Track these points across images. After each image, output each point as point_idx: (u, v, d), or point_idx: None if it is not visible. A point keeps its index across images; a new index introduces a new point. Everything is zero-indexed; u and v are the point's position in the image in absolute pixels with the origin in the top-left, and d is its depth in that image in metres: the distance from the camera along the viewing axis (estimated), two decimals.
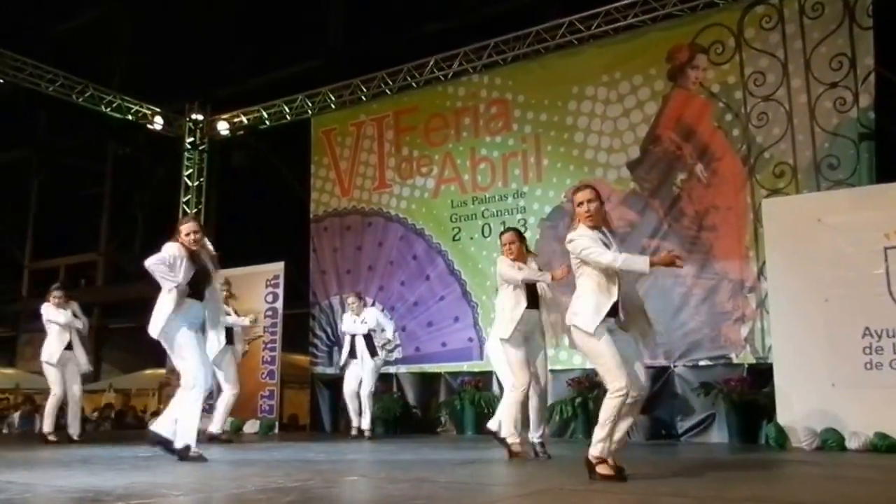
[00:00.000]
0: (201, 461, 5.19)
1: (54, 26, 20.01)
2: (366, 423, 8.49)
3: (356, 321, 8.57)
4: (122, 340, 19.77)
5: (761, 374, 7.57)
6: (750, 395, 7.54)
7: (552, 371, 8.81)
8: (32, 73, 11.01)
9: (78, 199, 21.19)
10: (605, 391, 8.24)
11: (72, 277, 20.96)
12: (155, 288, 5.43)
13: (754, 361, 7.82)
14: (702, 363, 8.13)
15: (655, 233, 8.61)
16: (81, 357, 7.82)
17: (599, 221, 4.24)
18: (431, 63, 10.35)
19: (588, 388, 8.29)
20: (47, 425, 7.59)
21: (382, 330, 8.63)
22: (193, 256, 5.36)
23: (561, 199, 9.21)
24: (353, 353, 8.59)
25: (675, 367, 8.25)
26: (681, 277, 8.27)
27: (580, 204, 4.23)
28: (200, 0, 16.33)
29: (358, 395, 8.54)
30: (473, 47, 10.04)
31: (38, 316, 7.82)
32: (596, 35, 9.21)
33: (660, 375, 8.18)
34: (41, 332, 7.93)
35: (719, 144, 8.36)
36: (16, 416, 12.28)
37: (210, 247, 5.57)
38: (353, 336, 8.58)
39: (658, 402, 8.16)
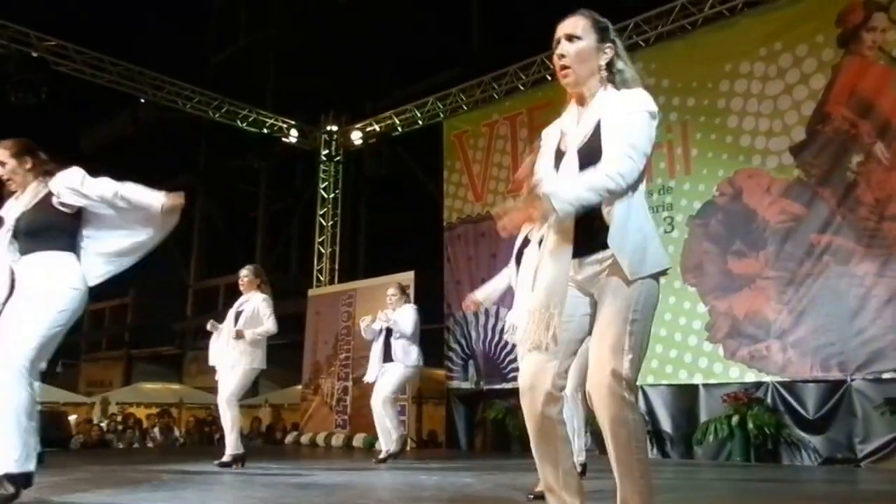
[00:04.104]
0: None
1: (211, 57, 21.02)
2: (384, 443, 7.10)
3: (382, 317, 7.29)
4: (277, 356, 20.15)
5: None
6: None
7: (706, 385, 7.87)
8: (170, 90, 11.25)
9: (235, 219, 22.01)
10: (765, 407, 7.05)
11: (231, 296, 21.76)
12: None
13: None
14: (886, 376, 6.84)
15: (826, 227, 7.41)
16: None
17: (585, 79, 2.33)
18: None
19: (746, 403, 7.20)
20: None
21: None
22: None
23: (713, 193, 8.21)
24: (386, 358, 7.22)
25: (852, 380, 7.01)
26: (857, 277, 7.08)
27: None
28: (345, 19, 16.50)
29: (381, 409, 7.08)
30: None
31: (204, 333, 7.05)
32: (750, 2, 8.16)
33: (834, 390, 7.05)
34: (206, 350, 7.25)
35: None
36: (156, 429, 12.54)
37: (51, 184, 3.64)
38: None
39: (833, 420, 7.02)
